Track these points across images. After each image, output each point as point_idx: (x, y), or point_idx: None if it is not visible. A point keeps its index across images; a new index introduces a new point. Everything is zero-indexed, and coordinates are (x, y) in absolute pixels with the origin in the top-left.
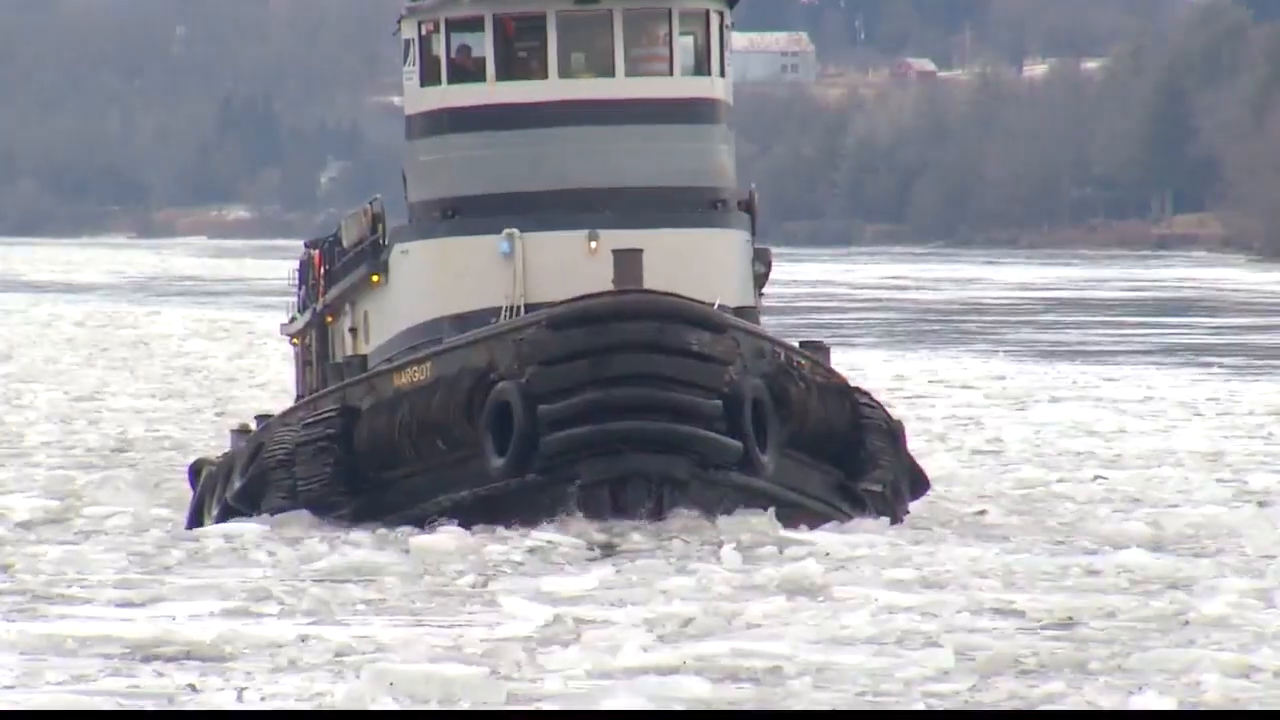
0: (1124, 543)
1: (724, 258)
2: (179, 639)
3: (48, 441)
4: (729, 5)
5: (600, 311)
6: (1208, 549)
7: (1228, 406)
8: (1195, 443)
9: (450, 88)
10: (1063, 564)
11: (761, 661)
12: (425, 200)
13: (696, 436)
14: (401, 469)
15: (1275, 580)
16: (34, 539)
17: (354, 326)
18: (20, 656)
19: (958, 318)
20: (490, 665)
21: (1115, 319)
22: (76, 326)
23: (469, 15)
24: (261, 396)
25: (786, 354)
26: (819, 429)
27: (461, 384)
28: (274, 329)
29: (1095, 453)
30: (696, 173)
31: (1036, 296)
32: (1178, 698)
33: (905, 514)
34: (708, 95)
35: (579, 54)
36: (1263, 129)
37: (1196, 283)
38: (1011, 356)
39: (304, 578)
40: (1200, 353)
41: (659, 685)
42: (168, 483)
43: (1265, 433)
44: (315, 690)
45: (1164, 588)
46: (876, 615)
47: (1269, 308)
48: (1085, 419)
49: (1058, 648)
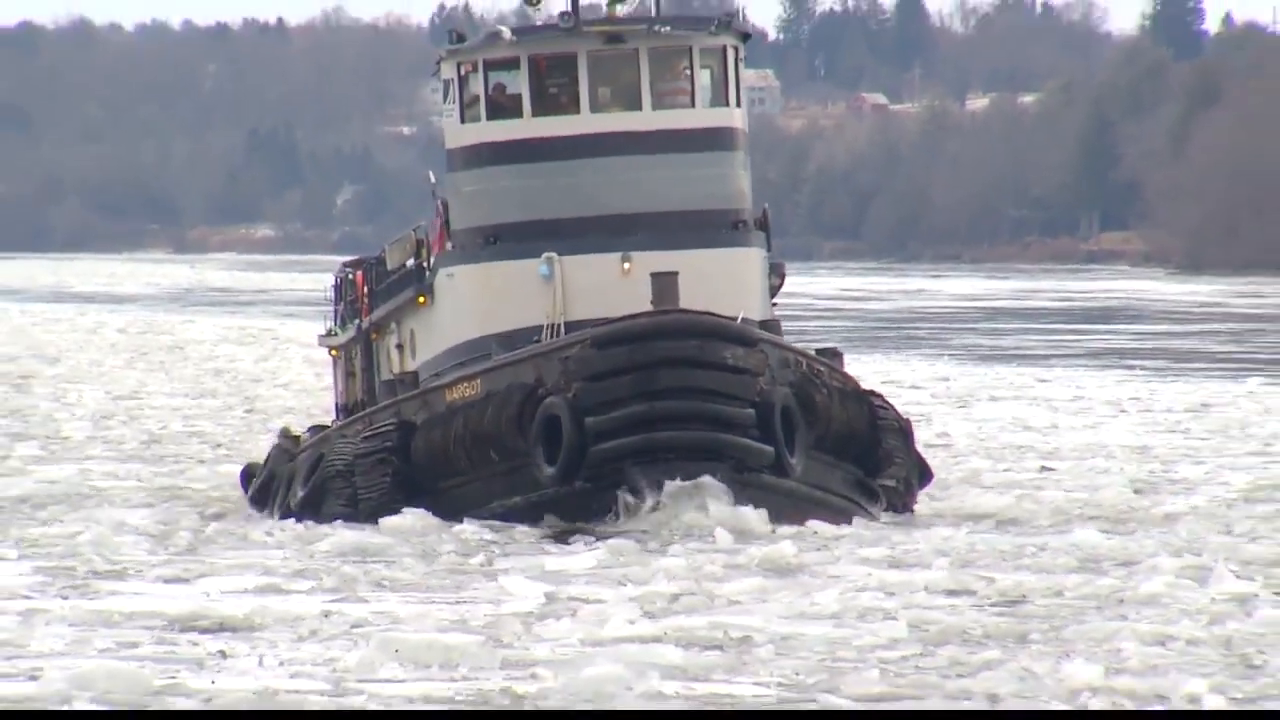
0: (1073, 527)
1: (747, 275)
2: (214, 613)
3: (92, 436)
4: (743, 40)
5: (642, 331)
6: (1149, 533)
7: (1149, 404)
8: (1122, 437)
9: (489, 123)
10: (1019, 544)
11: (735, 633)
12: (468, 228)
13: (733, 444)
14: (456, 479)
15: (1208, 560)
16: (82, 523)
17: (400, 344)
18: (70, 628)
19: (907, 325)
20: (489, 635)
21: (1048, 326)
22: (119, 333)
23: (506, 56)
24: (285, 395)
25: (809, 363)
26: (841, 431)
27: (512, 399)
28: (296, 335)
29: (1034, 446)
30: (719, 196)
31: (978, 306)
32: (1103, 665)
33: (915, 504)
34: (727, 124)
35: (607, 89)
36: (1180, 157)
37: (1121, 294)
38: (955, 360)
39: (331, 559)
40: (1124, 356)
41: (638, 652)
42: (199, 470)
43: (1184, 428)
44: (330, 657)
45: (1107, 567)
46: (844, 592)
47: (1185, 316)
48: (1023, 416)
49: (1002, 621)
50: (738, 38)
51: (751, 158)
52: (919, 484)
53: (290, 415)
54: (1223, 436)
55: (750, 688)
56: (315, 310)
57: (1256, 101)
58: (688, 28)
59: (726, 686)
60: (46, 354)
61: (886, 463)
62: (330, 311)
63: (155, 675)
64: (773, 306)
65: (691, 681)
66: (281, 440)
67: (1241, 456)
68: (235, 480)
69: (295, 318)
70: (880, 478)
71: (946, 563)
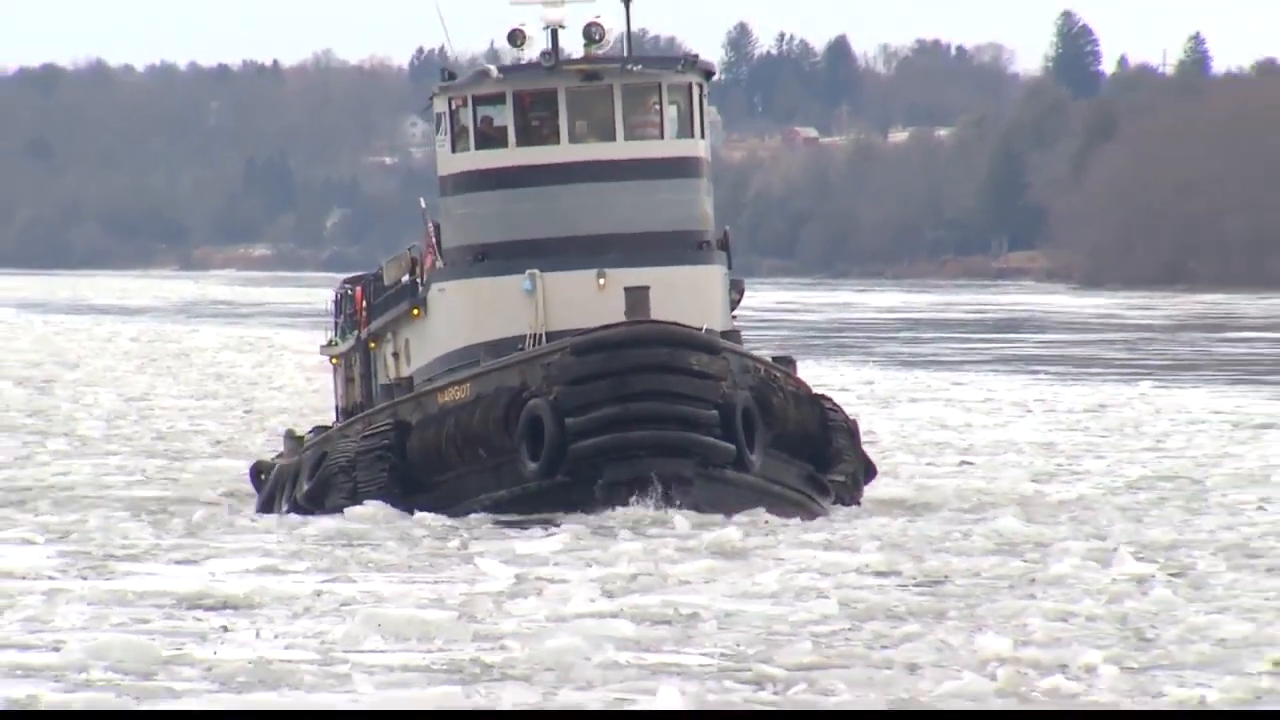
0: (991, 514)
1: (710, 290)
2: (217, 592)
3: (107, 433)
4: (706, 78)
5: (617, 340)
6: (1059, 519)
7: (1052, 405)
8: (1030, 435)
9: (477, 153)
10: (945, 530)
11: (684, 610)
12: (458, 246)
13: (699, 442)
14: (448, 473)
15: (1110, 545)
16: (99, 511)
17: (397, 351)
18: (89, 605)
19: (836, 334)
20: (463, 611)
21: (962, 335)
22: (131, 341)
23: (493, 92)
24: (280, 397)
25: (766, 369)
26: (795, 431)
27: (499, 401)
28: (289, 343)
29: (951, 443)
30: (685, 219)
31: (899, 317)
32: (1011, 638)
33: (861, 497)
34: (692, 154)
35: (584, 122)
36: (1080, 185)
37: (1026, 306)
38: (879, 365)
39: (322, 543)
40: (1029, 362)
41: (595, 626)
42: (203, 464)
43: (1083, 426)
44: (320, 630)
45: (1022, 551)
46: (784, 574)
47: (1084, 326)
48: (940, 415)
49: (923, 599)
50: (702, 75)
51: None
52: (865, 479)
53: (284, 415)
54: (1119, 434)
55: (695, 658)
56: (308, 321)
57: (1148, 136)
58: (657, 67)
59: (674, 656)
60: (66, 360)
61: (836, 460)
62: (331, 324)
63: (164, 647)
64: (733, 318)
65: (643, 652)
66: (286, 439)
67: (1137, 452)
68: (237, 473)
69: (289, 328)
70: (830, 473)
71: (876, 547)
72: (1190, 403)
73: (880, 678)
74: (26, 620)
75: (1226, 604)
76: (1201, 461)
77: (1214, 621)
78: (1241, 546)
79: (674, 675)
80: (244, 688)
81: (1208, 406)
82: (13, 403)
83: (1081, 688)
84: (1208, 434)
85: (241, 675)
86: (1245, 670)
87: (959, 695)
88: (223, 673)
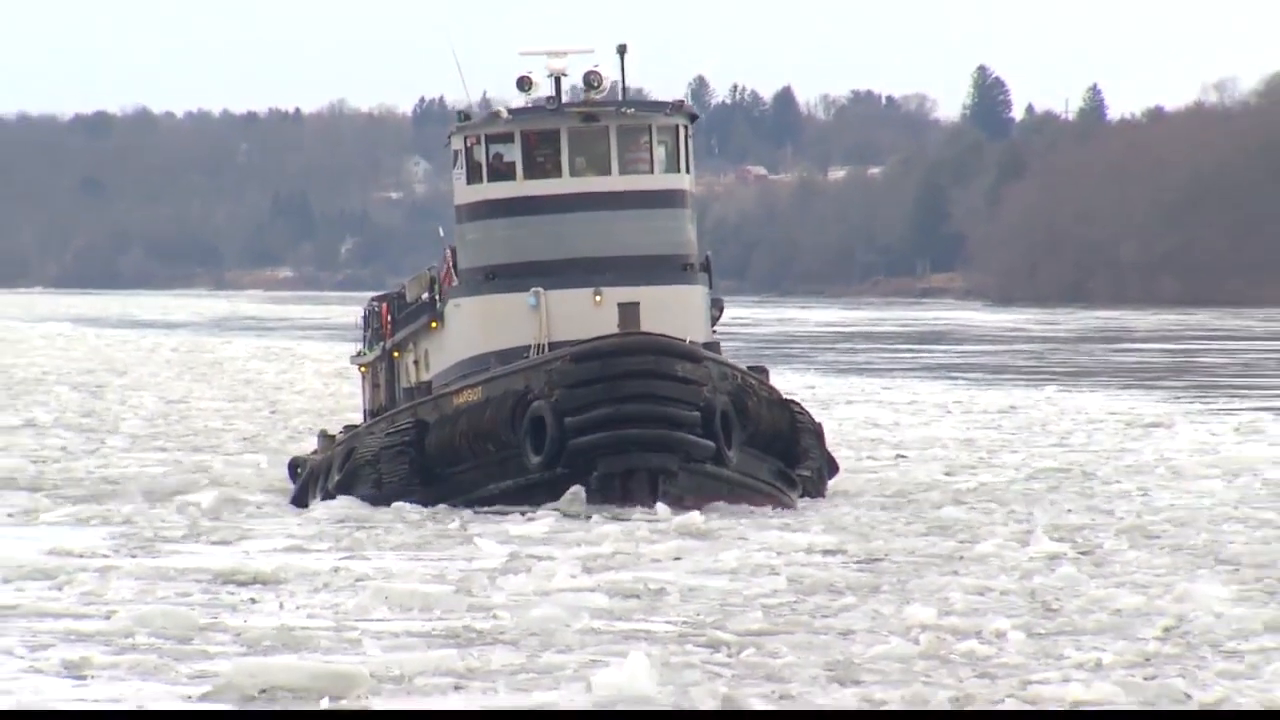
0: (926, 501)
1: (692, 306)
2: (248, 569)
3: (151, 431)
4: (691, 121)
5: (610, 349)
6: (987, 506)
7: (969, 407)
8: (951, 432)
9: (489, 184)
10: (885, 516)
11: (652, 585)
12: (472, 267)
13: (682, 440)
14: (461, 466)
15: (1029, 527)
16: (145, 498)
17: (417, 359)
18: (137, 580)
19: (782, 345)
20: (460, 586)
21: (891, 346)
22: (171, 351)
23: (503, 131)
24: (300, 400)
25: (743, 376)
26: (768, 431)
27: (506, 403)
28: (309, 353)
29: (884, 439)
30: (671, 244)
31: (837, 330)
32: (935, 608)
33: (825, 490)
34: (679, 187)
35: (583, 158)
36: (994, 215)
37: (947, 321)
38: (819, 372)
39: (343, 526)
40: (949, 369)
41: (574, 599)
42: (235, 457)
43: (997, 425)
44: (335, 603)
45: (953, 533)
46: (743, 553)
47: (997, 338)
48: (873, 416)
49: (862, 575)
50: (687, 118)
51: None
52: (829, 475)
53: (304, 414)
54: (1028, 431)
55: (660, 625)
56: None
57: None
58: (648, 110)
59: (642, 624)
60: (115, 368)
61: (804, 457)
62: (360, 337)
63: (201, 616)
64: (713, 331)
65: (614, 621)
66: (320, 438)
67: (1045, 447)
68: (263, 463)
69: (309, 340)
70: (798, 469)
71: (822, 530)
72: (1089, 404)
73: (819, 642)
74: (83, 594)
75: (1123, 579)
76: (1101, 455)
77: (1111, 594)
78: (1140, 529)
79: (641, 640)
80: (268, 651)
81: (1105, 408)
82: (69, 404)
83: (993, 650)
84: (1105, 431)
85: (267, 640)
86: (1137, 636)
87: (887, 658)
88: (250, 638)
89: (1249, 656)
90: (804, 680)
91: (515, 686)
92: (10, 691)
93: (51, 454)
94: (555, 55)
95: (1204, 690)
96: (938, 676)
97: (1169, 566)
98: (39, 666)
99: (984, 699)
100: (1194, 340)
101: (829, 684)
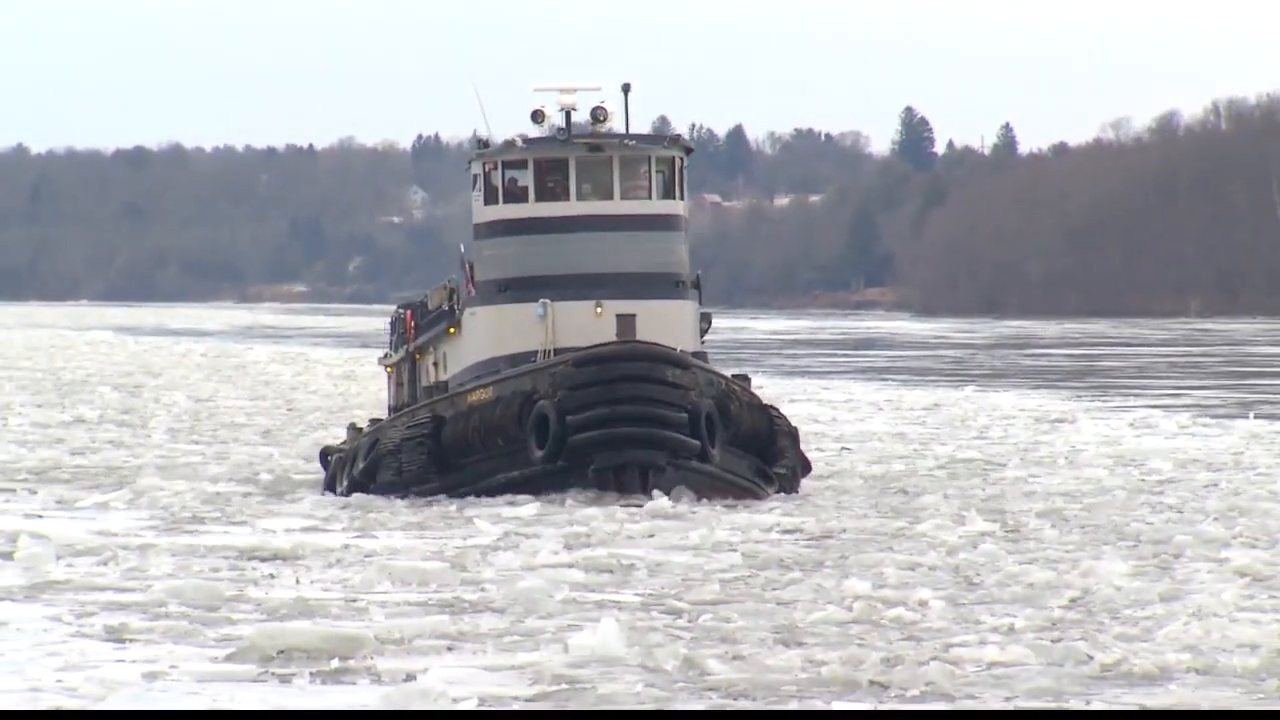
0: (873, 487)
1: (683, 319)
2: (269, 546)
3: (183, 426)
4: (686, 153)
5: (608, 355)
6: (928, 491)
7: (898, 404)
8: (884, 427)
9: (504, 206)
10: (836, 500)
11: (624, 560)
12: (487, 280)
13: (671, 438)
14: (473, 457)
15: (963, 509)
16: (179, 485)
17: (436, 361)
18: (172, 557)
19: (734, 351)
20: (455, 562)
21: (829, 352)
22: (201, 356)
23: (518, 158)
24: (314, 399)
25: (727, 383)
26: (748, 432)
27: (515, 401)
28: (321, 358)
29: (826, 433)
30: (666, 263)
31: (782, 338)
32: (870, 581)
33: (799, 487)
34: (674, 212)
35: (588, 184)
36: (919, 237)
37: (878, 329)
38: (765, 375)
39: (356, 509)
40: (881, 372)
41: (554, 573)
42: (253, 448)
43: (924, 420)
44: (344, 577)
45: (898, 514)
46: (708, 532)
47: (922, 344)
48: (814, 413)
49: (809, 552)
50: (682, 150)
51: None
52: (802, 473)
53: (317, 411)
54: (951, 426)
55: (629, 596)
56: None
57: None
58: (647, 142)
59: (613, 595)
60: (151, 370)
61: (780, 457)
62: (386, 341)
63: (227, 589)
64: (702, 342)
65: (589, 592)
66: (350, 430)
67: (969, 440)
68: (278, 453)
69: (321, 346)
70: (775, 467)
71: (779, 512)
72: (1003, 402)
73: (766, 610)
74: (125, 570)
75: (1037, 556)
76: (1017, 446)
77: (1025, 570)
78: (1057, 511)
79: (612, 609)
80: (286, 618)
81: (1017, 405)
82: (110, 403)
83: (918, 617)
84: (1018, 426)
85: (284, 609)
86: (1045, 606)
87: (825, 623)
88: (270, 607)
89: (1143, 623)
90: (753, 642)
91: (501, 648)
92: (58, 654)
93: (98, 445)
94: (566, 91)
95: (1104, 652)
96: (870, 640)
97: (1077, 544)
98: (85, 632)
99: (911, 659)
100: (1094, 346)
101: (775, 645)
